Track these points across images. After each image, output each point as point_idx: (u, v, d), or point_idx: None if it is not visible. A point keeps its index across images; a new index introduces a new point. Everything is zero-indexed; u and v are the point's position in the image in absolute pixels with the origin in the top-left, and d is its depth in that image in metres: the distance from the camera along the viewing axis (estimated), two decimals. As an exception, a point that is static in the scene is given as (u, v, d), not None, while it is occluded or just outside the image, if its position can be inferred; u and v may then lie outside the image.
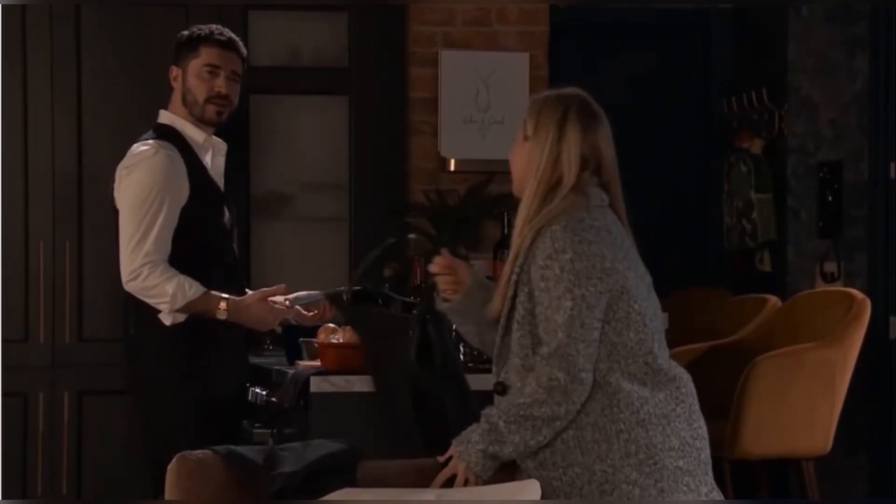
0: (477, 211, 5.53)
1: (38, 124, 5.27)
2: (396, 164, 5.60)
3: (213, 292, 3.81)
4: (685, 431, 2.95)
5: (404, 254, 5.42)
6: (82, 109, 5.29)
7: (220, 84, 3.89)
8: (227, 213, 3.96)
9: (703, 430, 3.00)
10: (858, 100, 6.01)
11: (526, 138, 3.04)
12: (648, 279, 3.04)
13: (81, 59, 5.30)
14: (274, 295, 3.87)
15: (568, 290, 2.89)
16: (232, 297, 3.84)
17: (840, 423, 4.82)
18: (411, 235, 3.33)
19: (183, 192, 3.81)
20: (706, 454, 2.99)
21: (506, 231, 5.02)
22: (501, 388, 3.00)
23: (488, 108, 5.67)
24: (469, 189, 5.58)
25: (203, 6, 5.32)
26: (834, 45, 6.01)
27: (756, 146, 6.13)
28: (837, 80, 6.01)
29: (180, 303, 3.79)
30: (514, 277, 2.98)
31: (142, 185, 3.79)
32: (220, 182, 3.97)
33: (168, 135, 3.88)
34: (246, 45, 5.40)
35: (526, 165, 3.03)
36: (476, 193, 5.56)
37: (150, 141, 3.86)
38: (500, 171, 5.55)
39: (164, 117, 3.96)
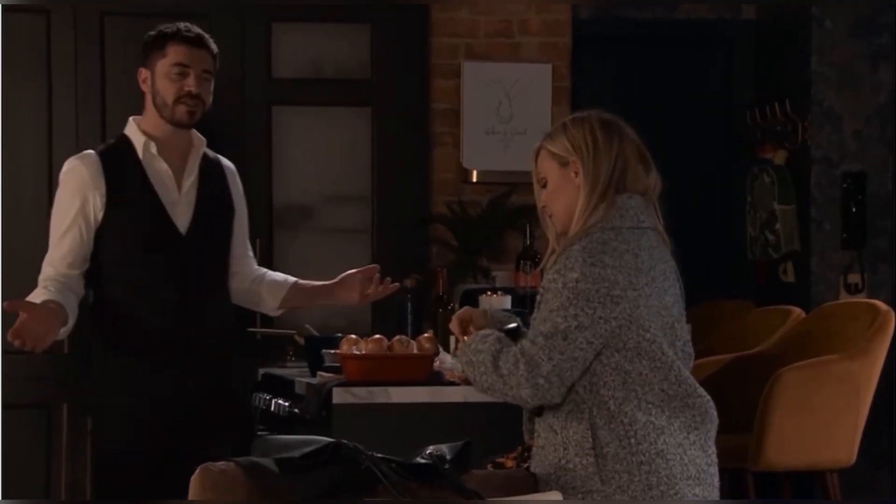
0: (499, 222, 5.53)
1: (63, 135, 5.30)
2: (419, 176, 5.60)
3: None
4: (700, 459, 2.94)
5: (426, 264, 5.43)
6: (106, 121, 5.32)
7: (191, 83, 3.66)
8: (154, 221, 3.69)
9: (715, 455, 2.99)
10: (882, 111, 6.00)
11: (565, 164, 3.00)
12: (678, 308, 2.99)
13: (105, 72, 5.33)
14: (368, 274, 3.82)
15: (563, 307, 2.87)
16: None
17: (864, 435, 4.80)
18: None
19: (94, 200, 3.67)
20: (717, 479, 2.99)
21: (528, 242, 5.02)
22: (538, 410, 3.00)
23: (510, 119, 5.67)
24: (491, 200, 5.58)
25: (226, 18, 5.34)
26: (857, 57, 6.00)
27: (779, 157, 6.12)
28: (861, 92, 6.00)
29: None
30: (538, 298, 2.98)
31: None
32: (173, 184, 3.72)
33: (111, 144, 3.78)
34: (269, 57, 5.50)
35: (572, 191, 2.98)
36: (498, 204, 5.57)
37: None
38: (522, 182, 5.55)
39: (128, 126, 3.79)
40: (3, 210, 5.28)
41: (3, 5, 5.19)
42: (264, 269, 3.97)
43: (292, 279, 3.95)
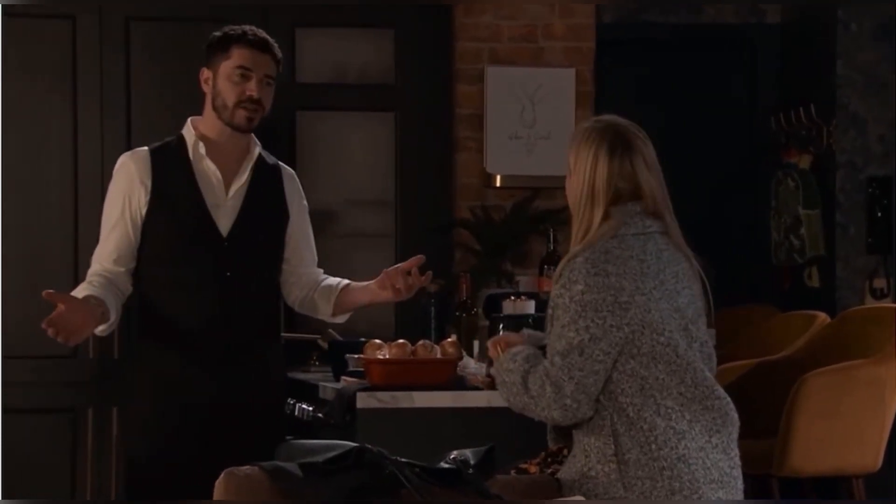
0: (522, 227, 5.53)
1: (88, 141, 5.33)
2: (442, 180, 5.61)
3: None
4: (723, 462, 2.94)
5: (450, 269, 5.43)
6: (132, 126, 5.34)
7: (252, 88, 3.64)
8: (196, 221, 3.66)
9: (739, 458, 2.98)
10: (907, 115, 5.98)
11: (569, 174, 3.05)
12: (694, 309, 2.99)
13: (131, 77, 5.35)
14: (410, 266, 3.68)
15: (573, 321, 2.89)
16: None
17: (890, 440, 4.77)
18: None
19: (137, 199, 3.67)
20: (741, 482, 2.98)
21: (551, 247, 5.02)
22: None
23: (534, 124, 5.67)
24: (515, 205, 5.58)
25: (250, 23, 5.35)
26: (882, 61, 5.97)
27: (804, 162, 6.10)
28: (886, 96, 5.98)
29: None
30: (549, 310, 2.98)
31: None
32: (221, 187, 3.70)
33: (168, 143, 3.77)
34: (293, 62, 5.52)
35: (574, 196, 3.03)
36: (522, 209, 5.56)
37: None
38: (545, 186, 5.55)
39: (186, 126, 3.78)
40: (29, 215, 5.30)
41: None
42: (325, 276, 3.89)
43: (344, 282, 3.87)
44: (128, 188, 3.69)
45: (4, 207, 5.28)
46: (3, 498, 5.00)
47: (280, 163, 3.86)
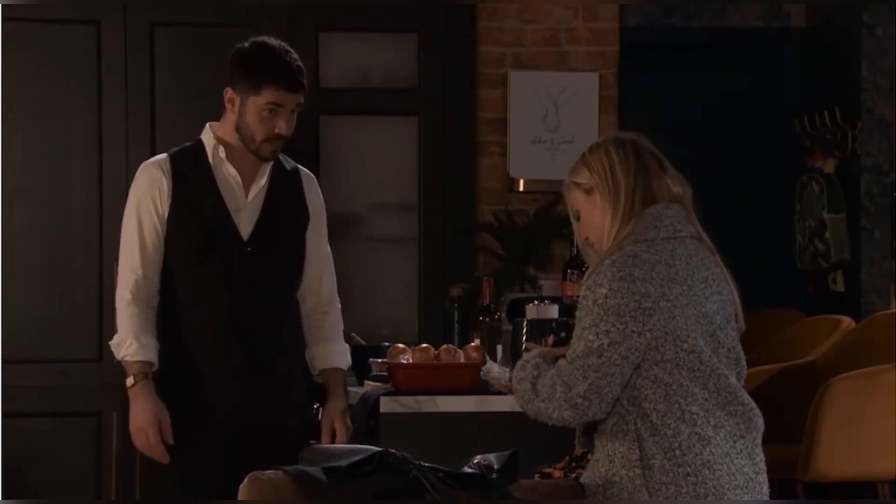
0: (546, 231, 5.53)
1: (113, 145, 5.35)
2: (465, 185, 5.61)
3: None
4: (748, 467, 2.93)
5: (473, 273, 5.43)
6: (156, 130, 5.36)
7: (282, 126, 3.60)
8: (217, 224, 3.64)
9: (764, 462, 2.97)
10: (933, 118, 5.95)
11: (589, 191, 2.99)
12: (723, 315, 2.97)
13: (155, 81, 5.37)
14: None
15: (594, 325, 2.88)
16: None
17: (916, 446, 4.75)
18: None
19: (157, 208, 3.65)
20: (766, 487, 2.97)
21: (574, 251, 5.01)
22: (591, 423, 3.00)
23: (557, 128, 5.67)
24: (538, 209, 5.58)
25: (274, 27, 5.37)
26: (908, 64, 5.96)
27: (829, 165, 6.08)
28: (912, 99, 5.96)
29: None
30: (578, 314, 2.98)
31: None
32: (241, 190, 3.67)
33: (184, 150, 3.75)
34: (316, 66, 5.53)
35: (601, 216, 2.98)
36: (545, 213, 5.56)
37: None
38: (569, 191, 5.55)
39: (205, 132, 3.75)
40: (54, 220, 5.33)
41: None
42: (327, 330, 3.76)
43: (329, 365, 3.74)
44: (150, 193, 3.66)
45: (34, 211, 5.30)
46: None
47: (299, 166, 3.84)
